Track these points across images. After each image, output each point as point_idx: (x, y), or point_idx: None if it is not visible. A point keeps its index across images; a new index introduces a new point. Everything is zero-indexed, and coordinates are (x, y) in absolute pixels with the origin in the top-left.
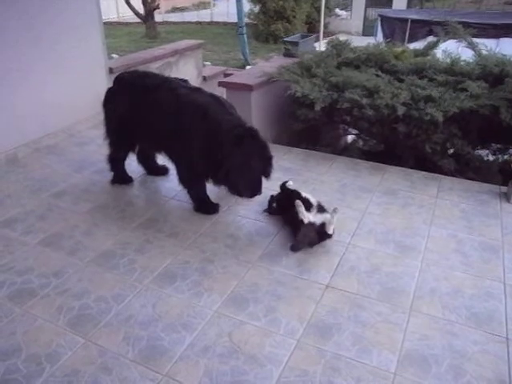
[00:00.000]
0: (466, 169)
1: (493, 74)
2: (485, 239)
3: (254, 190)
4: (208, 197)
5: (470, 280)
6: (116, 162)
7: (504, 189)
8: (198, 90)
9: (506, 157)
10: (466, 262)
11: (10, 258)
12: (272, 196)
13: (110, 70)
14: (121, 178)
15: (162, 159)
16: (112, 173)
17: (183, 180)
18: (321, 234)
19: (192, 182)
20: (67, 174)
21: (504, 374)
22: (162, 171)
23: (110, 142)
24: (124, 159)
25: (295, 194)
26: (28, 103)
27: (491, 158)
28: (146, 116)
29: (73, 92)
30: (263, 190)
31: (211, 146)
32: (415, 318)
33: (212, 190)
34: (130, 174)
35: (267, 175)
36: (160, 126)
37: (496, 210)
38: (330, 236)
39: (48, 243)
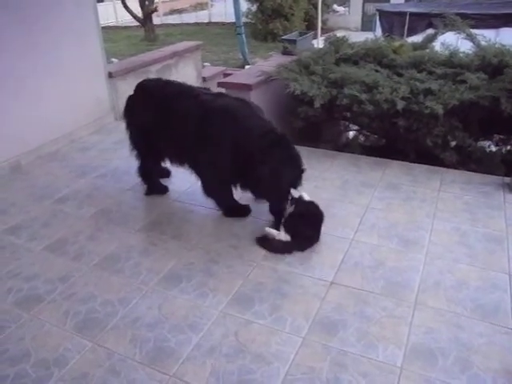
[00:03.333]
0: (468, 161)
1: (492, 65)
2: (489, 231)
3: (282, 200)
4: (237, 201)
5: (474, 272)
6: (148, 172)
7: (507, 179)
8: (222, 94)
9: (508, 147)
10: (471, 254)
11: (16, 264)
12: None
13: (110, 75)
14: (156, 188)
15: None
16: (145, 185)
17: (209, 190)
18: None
19: (219, 192)
20: (70, 179)
21: (511, 365)
22: (167, 174)
23: (137, 153)
24: (155, 169)
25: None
26: (28, 110)
27: (494, 149)
28: (169, 126)
29: (73, 98)
30: None
31: (242, 151)
32: (420, 312)
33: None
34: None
35: (296, 186)
36: (186, 134)
37: (499, 201)
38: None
39: (53, 249)
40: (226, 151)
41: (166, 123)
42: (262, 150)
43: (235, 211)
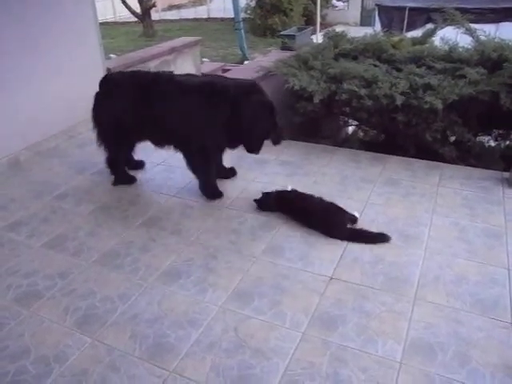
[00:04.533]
0: (467, 156)
1: (491, 60)
2: (488, 226)
3: (260, 142)
4: (215, 183)
5: (473, 267)
6: (116, 163)
7: (506, 174)
8: (191, 74)
9: (507, 142)
10: (470, 250)
11: (16, 261)
12: (267, 193)
13: (108, 71)
14: (124, 178)
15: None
16: (113, 175)
17: (195, 164)
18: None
19: (204, 166)
20: (69, 175)
21: (510, 360)
22: (140, 165)
23: (106, 146)
24: (124, 160)
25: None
26: (27, 106)
27: (493, 144)
28: (150, 112)
29: (71, 94)
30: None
31: (226, 110)
32: (420, 307)
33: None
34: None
35: (275, 131)
36: (168, 116)
37: (498, 196)
38: None
39: (52, 245)
40: (212, 116)
41: (145, 111)
42: (240, 97)
43: (212, 190)
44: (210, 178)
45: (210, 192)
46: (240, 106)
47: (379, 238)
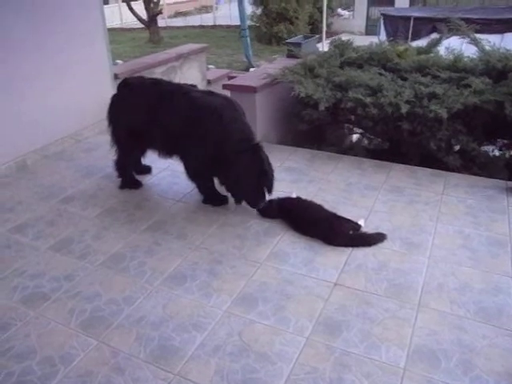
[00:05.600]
0: (471, 165)
1: (496, 70)
2: (492, 234)
3: (256, 200)
4: (216, 189)
5: (477, 275)
6: (125, 167)
7: (510, 184)
8: (210, 92)
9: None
10: (474, 258)
11: (22, 262)
12: (269, 201)
13: (115, 76)
14: (130, 182)
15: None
16: (120, 179)
17: (192, 173)
18: None
19: (201, 175)
20: (76, 179)
21: None
22: (147, 170)
23: (118, 148)
24: (133, 164)
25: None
26: (35, 110)
27: (497, 153)
28: (161, 120)
29: (79, 98)
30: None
31: (220, 152)
32: (423, 314)
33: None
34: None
35: (268, 188)
36: (174, 128)
37: (503, 204)
38: None
39: (58, 248)
40: (208, 145)
41: (157, 119)
42: (236, 156)
43: (214, 198)
44: (207, 185)
45: (213, 199)
46: (235, 158)
47: (377, 238)
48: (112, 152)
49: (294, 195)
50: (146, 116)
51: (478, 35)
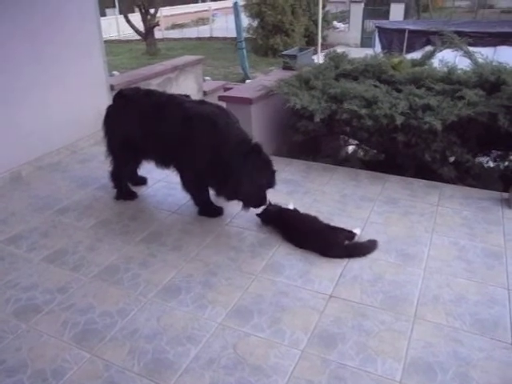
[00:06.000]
0: (466, 176)
1: (489, 82)
2: (487, 246)
3: (260, 201)
4: (211, 201)
5: (473, 287)
6: (120, 178)
7: (505, 195)
8: (203, 102)
9: (506, 163)
10: (469, 269)
11: (15, 274)
12: (269, 204)
13: (111, 87)
14: (125, 193)
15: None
16: (115, 189)
17: (188, 184)
18: None
19: (197, 186)
20: (70, 190)
21: (510, 380)
22: (143, 181)
23: (113, 159)
24: (128, 175)
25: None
26: (31, 121)
27: (491, 164)
28: (155, 131)
29: (75, 109)
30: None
31: (217, 157)
32: (419, 326)
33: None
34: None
35: (272, 186)
36: (169, 139)
37: (498, 216)
38: None
39: (52, 259)
40: (205, 154)
41: (151, 130)
42: (237, 158)
43: (210, 210)
44: (203, 197)
45: (208, 210)
46: (235, 161)
47: (370, 247)
48: (107, 163)
49: (291, 206)
50: (141, 127)
51: (471, 48)
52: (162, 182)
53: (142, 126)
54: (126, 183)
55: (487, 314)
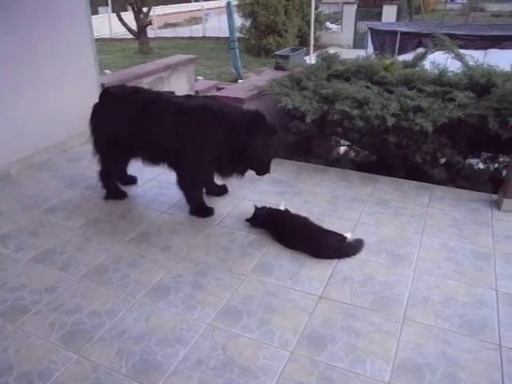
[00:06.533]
0: (456, 178)
1: (479, 84)
2: (476, 247)
3: (268, 167)
4: (204, 201)
5: (462, 288)
6: (109, 178)
7: (495, 197)
8: (189, 96)
9: (495, 165)
10: (458, 270)
11: (2, 274)
12: (256, 208)
13: (103, 86)
14: (115, 193)
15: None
16: (105, 189)
17: (185, 183)
18: None
19: (194, 185)
20: (60, 189)
21: (498, 381)
22: (133, 181)
23: (101, 158)
24: (117, 175)
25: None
26: (19, 119)
27: (482, 166)
28: (146, 129)
29: (65, 108)
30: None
31: (227, 140)
32: (408, 327)
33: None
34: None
35: (279, 149)
36: (161, 135)
37: (487, 217)
38: None
39: (40, 259)
40: (210, 145)
41: (141, 128)
42: (247, 130)
43: (202, 210)
44: (197, 196)
45: (199, 210)
46: (246, 134)
47: (357, 247)
48: (96, 162)
49: (282, 207)
50: (129, 125)
51: (462, 51)
52: (152, 182)
53: (131, 124)
54: (115, 182)
55: (475, 316)
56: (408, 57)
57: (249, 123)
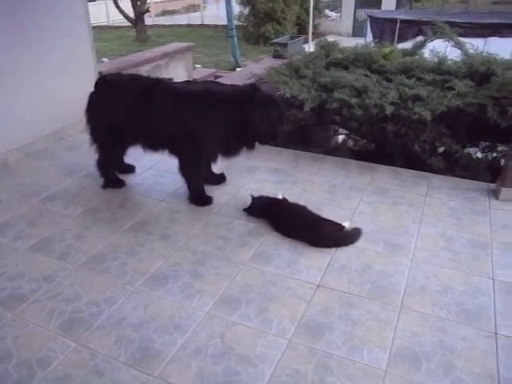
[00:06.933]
0: (455, 167)
1: (479, 73)
2: (474, 236)
3: (276, 131)
4: (204, 189)
5: (459, 277)
6: (107, 166)
7: (492, 186)
8: (188, 81)
9: (494, 154)
10: (456, 259)
11: (1, 263)
12: (256, 198)
13: (100, 74)
14: (113, 181)
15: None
16: (102, 178)
17: (187, 169)
18: None
19: (196, 172)
20: (58, 178)
21: (492, 369)
22: (130, 169)
23: (98, 147)
24: (114, 163)
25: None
26: (17, 107)
27: (480, 155)
28: (146, 116)
29: (62, 96)
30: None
31: (230, 116)
32: (405, 316)
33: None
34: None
35: (283, 115)
36: (163, 122)
37: (485, 206)
38: None
39: (39, 248)
40: (214, 128)
41: (141, 115)
42: (245, 102)
43: (201, 197)
44: (199, 183)
45: (199, 198)
46: (247, 108)
47: (355, 235)
48: (94, 151)
49: (280, 196)
50: (128, 112)
51: (461, 39)
52: (150, 170)
53: (129, 111)
54: (113, 171)
55: (472, 304)
56: (407, 45)
57: (246, 96)
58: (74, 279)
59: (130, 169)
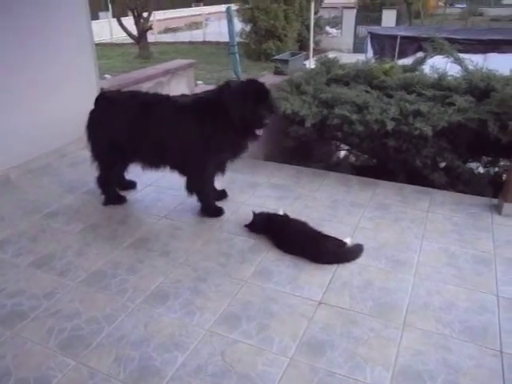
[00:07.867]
0: (456, 182)
1: (479, 89)
2: (477, 252)
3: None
4: (214, 201)
5: (463, 293)
6: (107, 183)
7: (495, 201)
8: (183, 95)
9: (495, 169)
10: (459, 276)
11: (1, 280)
12: (257, 215)
13: (102, 90)
14: (113, 198)
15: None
16: (103, 195)
17: (196, 184)
18: None
19: (204, 185)
20: (60, 194)
21: None
22: (132, 185)
23: (99, 164)
24: (116, 180)
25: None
26: (20, 124)
27: (482, 170)
28: (146, 131)
29: (64, 112)
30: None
31: (224, 119)
32: (409, 333)
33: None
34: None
35: (274, 107)
36: (166, 137)
37: (487, 222)
38: None
39: (39, 264)
40: (219, 129)
41: (140, 131)
42: (223, 99)
43: (212, 209)
44: (210, 195)
45: (210, 210)
46: (225, 105)
47: (357, 252)
48: (95, 168)
49: (281, 212)
50: (129, 128)
51: (461, 55)
52: (151, 187)
53: (130, 127)
54: (113, 188)
55: (477, 321)
56: (408, 61)
57: (224, 95)
58: (74, 296)
59: (131, 185)
